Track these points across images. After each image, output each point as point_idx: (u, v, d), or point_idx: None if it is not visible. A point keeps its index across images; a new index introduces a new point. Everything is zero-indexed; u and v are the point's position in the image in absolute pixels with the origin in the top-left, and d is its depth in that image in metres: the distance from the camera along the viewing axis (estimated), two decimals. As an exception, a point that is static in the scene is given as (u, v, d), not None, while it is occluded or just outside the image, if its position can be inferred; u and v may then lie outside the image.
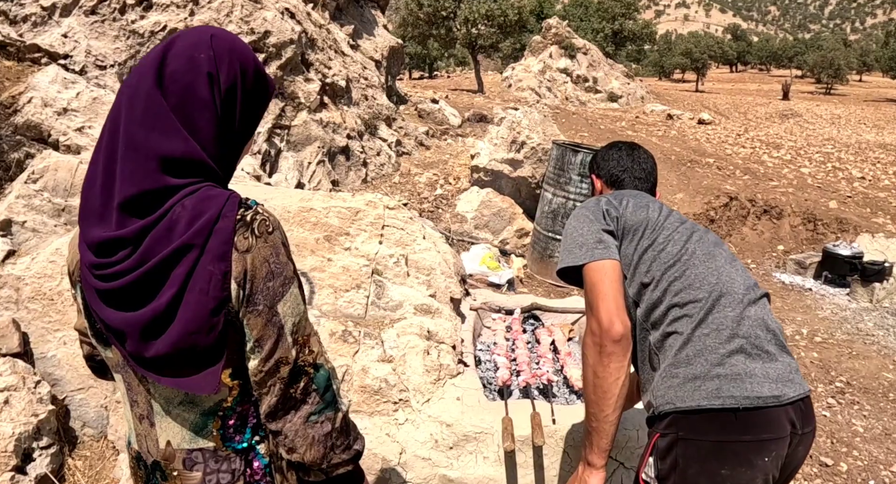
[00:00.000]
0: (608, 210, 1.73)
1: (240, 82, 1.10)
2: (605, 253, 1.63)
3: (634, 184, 1.94)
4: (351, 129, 6.63)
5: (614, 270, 1.62)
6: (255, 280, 1.05)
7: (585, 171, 4.73)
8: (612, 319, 1.51)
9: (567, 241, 1.73)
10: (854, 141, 14.82)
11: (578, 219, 1.75)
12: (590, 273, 1.61)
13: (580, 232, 1.70)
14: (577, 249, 1.67)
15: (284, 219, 3.13)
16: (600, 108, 18.12)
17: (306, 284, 2.94)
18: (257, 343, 1.07)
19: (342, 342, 2.66)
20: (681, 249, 1.66)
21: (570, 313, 3.56)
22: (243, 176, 4.48)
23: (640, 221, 1.71)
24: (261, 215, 1.08)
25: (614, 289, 1.57)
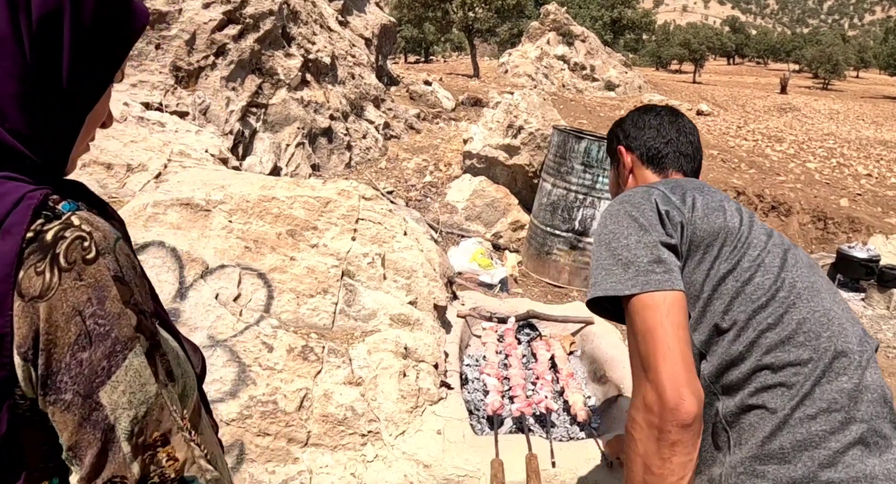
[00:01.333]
0: (668, 211, 1.18)
1: (68, 7, 0.64)
2: (667, 281, 1.09)
3: (679, 163, 1.41)
4: (335, 110, 6.15)
5: (680, 308, 1.08)
6: (53, 349, 0.60)
7: (589, 160, 4.28)
8: (681, 390, 1.00)
9: (603, 254, 1.17)
10: (854, 137, 14.48)
11: (621, 221, 1.19)
12: (643, 311, 1.07)
13: (625, 243, 1.14)
14: (622, 270, 1.12)
15: (243, 210, 2.67)
16: (597, 97, 17.69)
17: (263, 287, 2.49)
18: (72, 453, 0.63)
19: (302, 360, 2.21)
20: (775, 281, 1.13)
21: (572, 322, 3.12)
22: (205, 159, 4.00)
23: (714, 232, 1.17)
24: (75, 231, 0.62)
25: (681, 339, 1.05)
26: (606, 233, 1.19)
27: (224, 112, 5.18)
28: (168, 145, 3.93)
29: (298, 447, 2.12)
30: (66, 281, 0.60)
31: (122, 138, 3.90)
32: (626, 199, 1.24)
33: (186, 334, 2.31)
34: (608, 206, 1.26)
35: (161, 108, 4.97)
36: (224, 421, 2.12)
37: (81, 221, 0.63)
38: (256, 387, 2.17)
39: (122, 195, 3.37)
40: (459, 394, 2.36)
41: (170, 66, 5.14)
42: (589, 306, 1.27)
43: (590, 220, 4.43)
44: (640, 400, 1.05)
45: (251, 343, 2.26)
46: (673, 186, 1.26)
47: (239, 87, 5.40)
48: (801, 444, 1.03)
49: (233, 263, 2.53)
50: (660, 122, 1.46)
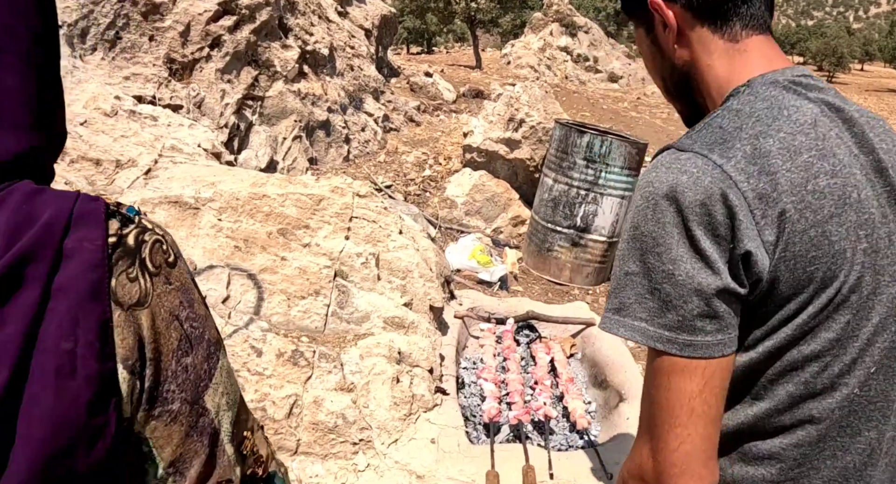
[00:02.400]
0: (747, 252, 0.77)
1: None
2: (717, 344, 0.77)
3: (754, 9, 0.86)
4: (333, 102, 6.04)
5: (722, 378, 0.79)
6: (160, 357, 0.57)
7: (592, 155, 4.19)
8: (688, 467, 0.78)
9: (635, 267, 0.80)
10: (862, 131, 14.31)
11: (668, 228, 0.78)
12: (672, 376, 0.78)
13: (670, 271, 0.77)
14: (658, 306, 0.78)
15: (233, 208, 2.59)
16: (601, 88, 17.54)
17: (253, 288, 2.41)
18: (174, 468, 0.58)
19: (292, 365, 2.13)
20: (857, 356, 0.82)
21: (572, 324, 3.04)
22: (198, 154, 3.91)
23: (803, 282, 0.78)
24: (152, 234, 0.58)
25: (711, 419, 0.79)
26: (645, 235, 0.79)
27: (219, 105, 5.09)
28: (160, 140, 3.84)
29: (288, 456, 2.04)
30: (159, 285, 0.56)
31: (112, 133, 3.81)
32: (676, 182, 0.78)
33: (173, 337, 2.24)
34: (645, 176, 0.82)
35: (154, 101, 4.88)
36: (211, 428, 2.05)
37: (153, 225, 0.58)
38: (245, 393, 2.09)
39: (110, 192, 3.28)
40: (455, 400, 2.28)
41: (164, 59, 5.04)
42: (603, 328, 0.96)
43: (592, 216, 4.34)
44: (636, 460, 0.84)
45: (240, 347, 2.18)
46: (756, 149, 0.79)
47: (234, 80, 5.30)
48: None
49: (222, 263, 2.45)
50: None
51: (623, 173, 4.23)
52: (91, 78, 4.85)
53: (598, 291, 4.57)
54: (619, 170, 4.21)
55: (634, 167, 4.30)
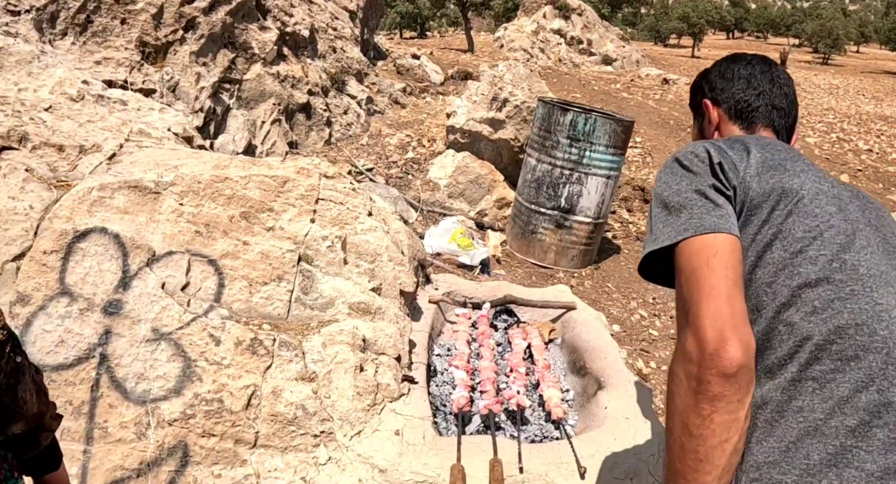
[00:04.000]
0: (721, 164, 1.07)
1: None
2: (722, 224, 0.99)
3: (770, 117, 1.27)
4: (314, 85, 5.90)
5: (732, 250, 0.97)
6: None
7: (575, 133, 4.07)
8: (723, 333, 0.88)
9: (656, 209, 1.09)
10: (854, 112, 14.23)
11: (673, 170, 1.11)
12: (690, 255, 0.98)
13: (676, 189, 1.07)
14: (675, 217, 1.03)
15: (194, 191, 2.48)
16: (594, 71, 17.36)
17: (214, 274, 2.30)
18: None
19: (250, 354, 2.03)
20: (832, 259, 0.97)
21: (552, 308, 2.94)
22: (167, 138, 3.78)
23: (767, 192, 1.03)
24: None
25: (729, 279, 0.94)
26: (660, 185, 1.11)
27: (194, 89, 4.95)
28: (127, 124, 3.71)
29: (246, 449, 1.95)
30: None
31: (77, 118, 3.68)
32: (679, 151, 1.15)
33: (129, 327, 2.13)
34: (665, 166, 1.15)
35: (126, 85, 4.74)
36: (166, 421, 1.95)
37: None
38: (202, 383, 1.99)
39: (72, 178, 3.16)
40: (424, 389, 2.19)
41: (136, 42, 4.89)
42: (641, 272, 1.17)
43: (576, 197, 4.23)
44: (679, 350, 0.93)
45: (198, 336, 2.08)
46: (733, 141, 1.13)
47: (210, 63, 5.15)
48: (831, 459, 0.86)
49: (182, 249, 2.34)
50: (751, 73, 1.30)
51: (608, 152, 4.12)
52: (60, 63, 4.70)
53: (583, 274, 4.47)
54: (604, 148, 4.10)
55: (620, 146, 4.19)
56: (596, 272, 4.57)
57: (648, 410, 2.28)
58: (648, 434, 2.15)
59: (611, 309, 3.95)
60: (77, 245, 2.26)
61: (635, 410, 2.24)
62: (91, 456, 1.94)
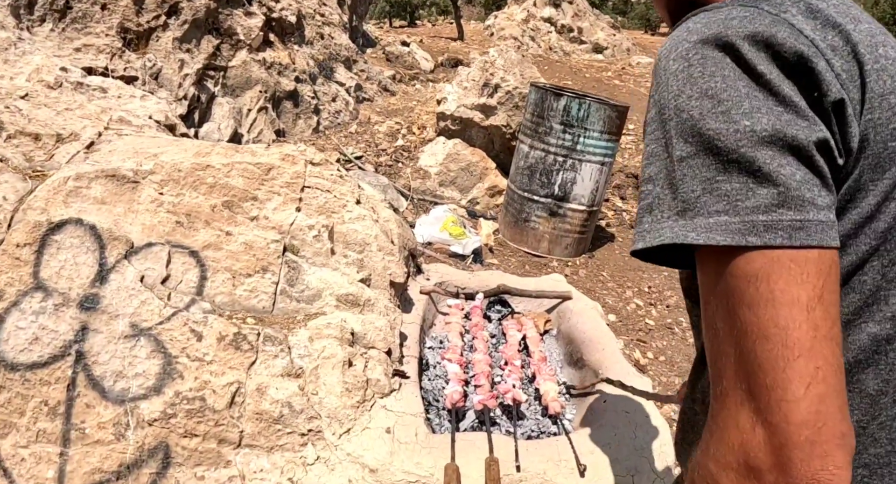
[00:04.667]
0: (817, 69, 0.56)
1: None
2: (827, 227, 0.55)
3: None
4: (301, 72, 5.78)
5: (836, 281, 0.55)
6: None
7: (569, 119, 3.98)
8: (829, 443, 0.51)
9: (684, 162, 0.58)
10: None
11: (725, 83, 0.56)
12: (770, 284, 0.53)
13: (740, 129, 0.55)
14: (737, 185, 0.55)
15: (174, 180, 2.37)
16: (585, 59, 17.25)
17: (195, 266, 2.20)
18: None
19: (234, 350, 1.94)
20: None
21: (547, 298, 2.86)
22: (148, 126, 3.67)
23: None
24: None
25: (836, 341, 0.54)
26: (695, 98, 0.58)
27: (177, 76, 4.82)
28: (107, 112, 3.59)
29: (230, 449, 1.86)
30: None
31: (55, 106, 3.55)
32: (723, 26, 0.59)
33: (106, 323, 2.03)
34: (671, 43, 0.63)
35: (107, 73, 4.61)
36: (146, 421, 1.86)
37: None
38: (183, 381, 1.90)
39: (48, 168, 3.05)
40: (416, 383, 2.10)
41: (117, 28, 4.75)
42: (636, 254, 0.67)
43: (570, 184, 4.14)
44: (729, 443, 0.55)
45: (179, 331, 1.99)
46: (810, 6, 0.60)
47: (194, 49, 5.02)
48: None
49: (162, 240, 2.24)
50: None
51: (602, 138, 4.03)
52: (38, 50, 4.57)
53: (577, 263, 4.39)
54: (599, 134, 4.01)
55: (615, 131, 4.10)
56: (590, 261, 4.50)
57: (648, 404, 2.21)
58: (649, 429, 2.08)
59: (606, 298, 3.88)
60: (51, 237, 2.15)
61: (635, 404, 2.17)
62: (68, 459, 1.85)
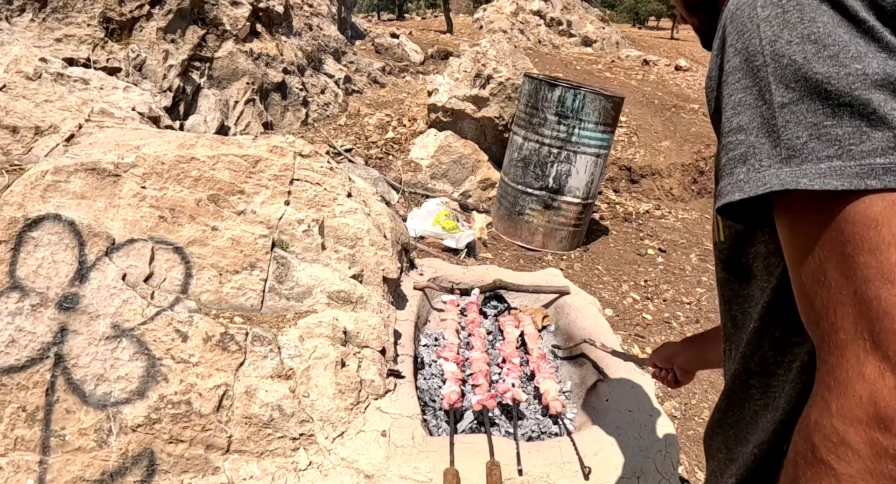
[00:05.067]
0: None
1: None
2: None
3: None
4: (289, 63, 5.66)
5: None
6: None
7: (564, 110, 3.90)
8: None
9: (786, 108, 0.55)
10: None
11: (826, 28, 0.54)
12: (890, 224, 0.50)
13: (850, 72, 0.52)
14: (850, 128, 0.52)
15: (157, 173, 2.28)
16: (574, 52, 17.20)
17: (180, 263, 2.11)
18: None
19: (221, 351, 1.85)
20: None
21: (544, 293, 2.79)
22: (131, 118, 3.55)
23: None
24: None
25: None
26: (795, 43, 0.55)
27: (162, 67, 4.70)
28: (88, 104, 3.48)
29: (219, 455, 1.78)
30: None
31: (34, 98, 3.44)
32: None
33: (86, 324, 1.94)
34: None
35: (89, 63, 4.48)
36: (129, 426, 1.77)
37: None
38: (168, 384, 1.81)
39: (26, 162, 2.94)
40: (412, 383, 2.02)
41: (99, 18, 4.63)
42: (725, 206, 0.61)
43: (565, 176, 4.07)
44: (857, 399, 0.51)
45: (163, 332, 1.90)
46: None
47: (179, 40, 4.90)
48: None
49: (144, 236, 2.15)
50: None
51: (598, 129, 3.96)
52: (17, 40, 4.44)
53: (572, 257, 4.33)
54: (594, 126, 3.94)
55: (610, 123, 4.03)
56: (585, 254, 4.43)
57: (650, 401, 2.14)
58: (653, 428, 2.02)
59: (602, 292, 3.82)
60: (28, 234, 2.05)
61: (637, 402, 2.10)
62: (48, 467, 1.76)
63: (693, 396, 2.94)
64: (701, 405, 2.88)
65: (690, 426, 2.74)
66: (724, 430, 0.80)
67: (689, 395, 2.94)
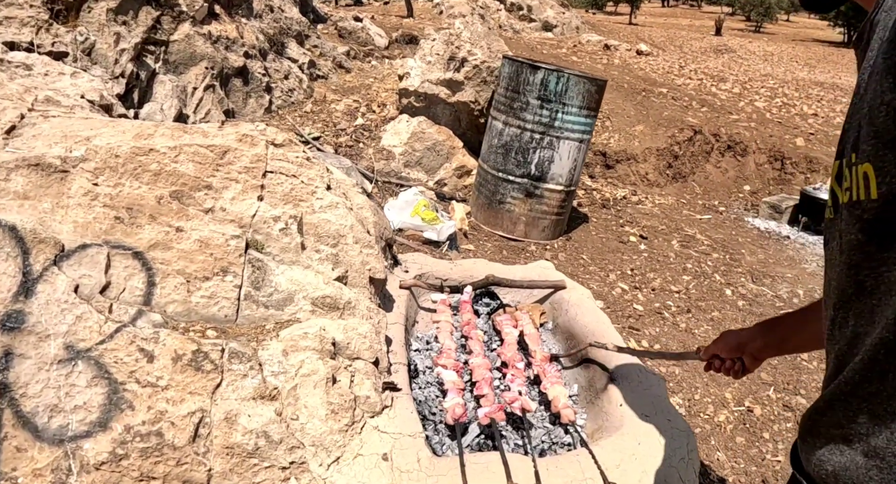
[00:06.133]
0: None
1: None
2: None
3: None
4: (251, 47, 5.35)
5: None
6: None
7: (547, 93, 3.72)
8: None
9: None
10: (790, 78, 14.50)
11: None
12: None
13: None
14: None
15: (111, 168, 2.02)
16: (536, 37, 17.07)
17: (141, 271, 1.86)
18: None
19: (193, 371, 1.62)
20: None
21: (540, 288, 2.61)
22: (80, 106, 3.25)
23: None
24: None
25: None
26: None
27: (113, 51, 4.36)
28: (31, 92, 3.16)
29: (196, 489, 1.55)
30: None
31: (-31, 84, 3.11)
32: None
33: (35, 346, 1.69)
34: None
35: (32, 48, 4.13)
36: (92, 464, 1.53)
37: None
38: (134, 413, 1.58)
39: (-40, 155, 2.63)
40: (409, 396, 1.83)
41: (41, -3, 4.27)
42: None
43: (548, 163, 3.90)
44: None
45: (125, 351, 1.65)
46: None
47: (131, 22, 4.56)
48: None
49: (99, 240, 1.89)
50: None
51: (581, 114, 3.79)
52: (-50, 22, 4.07)
53: (555, 246, 4.17)
54: (578, 110, 3.76)
55: (593, 107, 3.86)
56: (568, 243, 4.28)
57: (666, 404, 1.99)
58: (673, 433, 1.86)
59: (590, 283, 3.67)
60: (-38, 240, 1.78)
61: (653, 406, 1.95)
62: (-5, 512, 1.51)
63: (696, 390, 2.81)
64: (704, 400, 2.75)
65: (696, 423, 2.61)
66: (852, 403, 0.76)
67: (692, 390, 2.81)
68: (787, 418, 2.76)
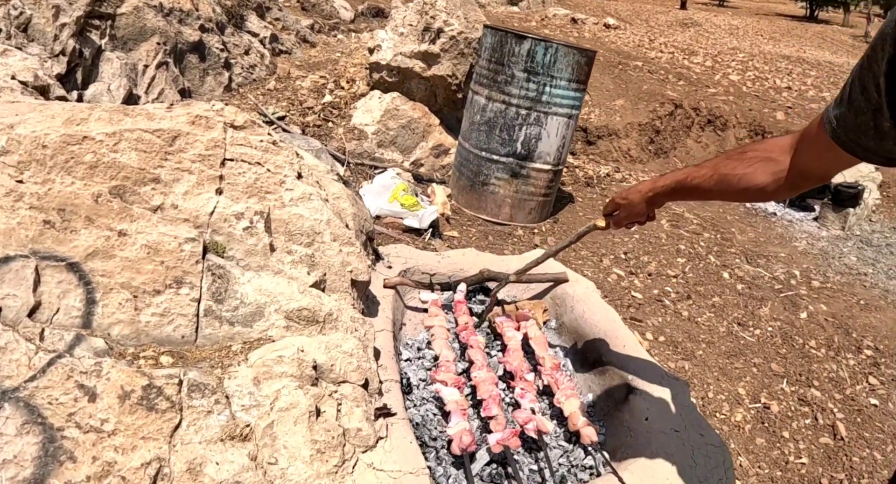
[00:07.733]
0: None
1: None
2: None
3: None
4: (206, 20, 4.94)
5: None
6: None
7: (534, 65, 3.43)
8: None
9: None
10: (757, 51, 14.43)
11: None
12: None
13: None
14: None
15: (38, 161, 1.68)
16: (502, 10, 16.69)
17: (78, 286, 1.55)
18: None
19: (145, 411, 1.32)
20: None
21: (541, 282, 2.36)
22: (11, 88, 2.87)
23: None
24: None
25: None
26: None
27: (52, 26, 3.94)
28: (-48, 70, 2.77)
29: (152, 553, 1.27)
30: None
31: None
32: None
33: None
34: None
35: (-43, 22, 3.70)
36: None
37: None
38: (76, 466, 1.27)
39: None
40: (406, 422, 1.55)
41: (-35, -35, 3.82)
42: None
43: (535, 140, 3.62)
44: None
45: (61, 389, 1.34)
46: None
47: (70, -7, 4.13)
48: None
49: (25, 250, 1.56)
50: None
51: (570, 87, 3.52)
52: None
53: (543, 230, 3.91)
54: (566, 83, 3.49)
55: (583, 80, 3.60)
56: (556, 226, 4.03)
57: (696, 415, 1.76)
58: (707, 451, 1.63)
59: (583, 269, 3.43)
60: None
61: (683, 419, 1.71)
62: None
63: (708, 387, 2.59)
64: (719, 398, 2.54)
65: (714, 424, 2.40)
66: None
67: (704, 386, 2.59)
68: (805, 414, 2.57)
